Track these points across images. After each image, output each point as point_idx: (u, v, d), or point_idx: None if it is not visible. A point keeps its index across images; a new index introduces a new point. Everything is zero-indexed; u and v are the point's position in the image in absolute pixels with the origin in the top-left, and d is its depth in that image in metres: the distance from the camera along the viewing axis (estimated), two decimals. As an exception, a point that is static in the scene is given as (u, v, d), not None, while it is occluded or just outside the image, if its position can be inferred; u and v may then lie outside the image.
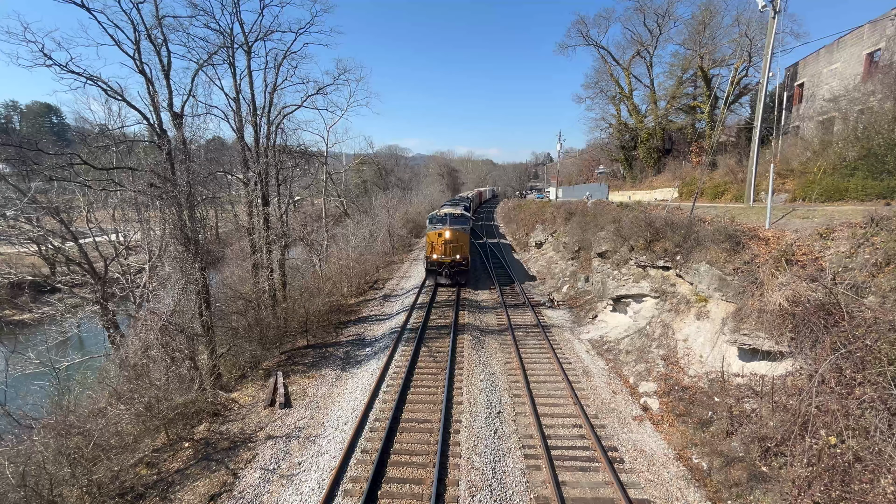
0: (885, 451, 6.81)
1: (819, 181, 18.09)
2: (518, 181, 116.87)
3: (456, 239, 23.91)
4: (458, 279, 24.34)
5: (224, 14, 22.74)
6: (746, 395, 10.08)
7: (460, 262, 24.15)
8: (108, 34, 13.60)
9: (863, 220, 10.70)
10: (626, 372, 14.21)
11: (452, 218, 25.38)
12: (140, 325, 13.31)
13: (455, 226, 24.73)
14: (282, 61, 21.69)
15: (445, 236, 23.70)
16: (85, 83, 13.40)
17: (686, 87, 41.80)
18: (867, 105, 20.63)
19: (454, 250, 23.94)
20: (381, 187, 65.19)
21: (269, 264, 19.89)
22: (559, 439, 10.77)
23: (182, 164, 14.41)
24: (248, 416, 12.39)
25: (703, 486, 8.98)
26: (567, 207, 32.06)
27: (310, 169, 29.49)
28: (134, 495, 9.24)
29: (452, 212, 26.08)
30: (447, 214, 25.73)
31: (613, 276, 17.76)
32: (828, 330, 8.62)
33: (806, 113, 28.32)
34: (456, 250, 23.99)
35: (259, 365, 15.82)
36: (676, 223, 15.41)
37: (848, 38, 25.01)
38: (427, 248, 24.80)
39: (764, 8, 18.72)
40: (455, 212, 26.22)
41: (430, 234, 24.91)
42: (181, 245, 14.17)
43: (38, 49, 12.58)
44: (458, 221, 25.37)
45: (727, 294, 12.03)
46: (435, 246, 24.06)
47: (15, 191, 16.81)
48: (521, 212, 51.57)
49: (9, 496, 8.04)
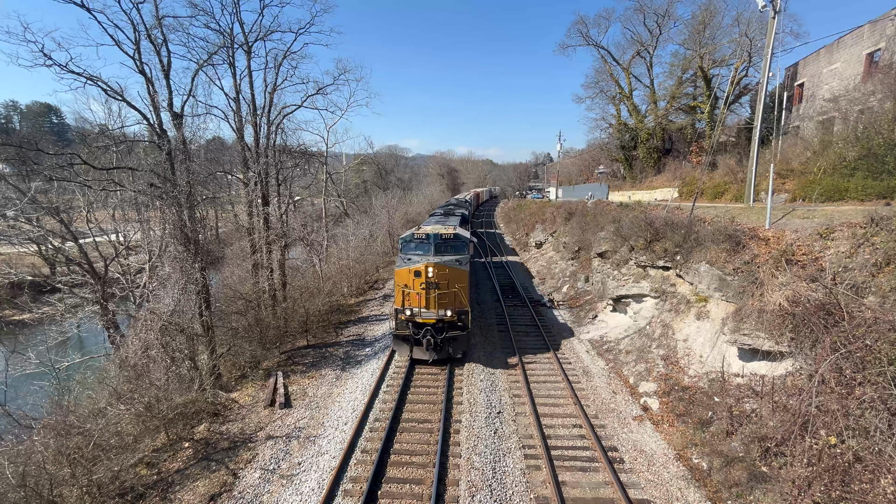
0: (885, 451, 6.81)
1: (819, 181, 18.08)
2: (518, 181, 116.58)
3: (447, 280, 14.09)
4: (450, 350, 14.50)
5: (224, 14, 22.79)
6: (746, 395, 10.09)
7: (453, 320, 14.21)
8: (108, 34, 13.61)
9: (863, 220, 10.71)
10: (626, 372, 14.21)
11: (440, 242, 15.63)
12: (140, 325, 13.32)
13: (445, 256, 15.11)
14: (282, 61, 21.70)
15: (428, 274, 13.91)
16: (85, 83, 13.41)
17: (686, 87, 41.77)
18: (867, 105, 20.61)
19: (443, 302, 14.05)
20: (381, 187, 65.18)
21: (269, 264, 19.89)
22: (559, 439, 10.78)
23: (182, 164, 14.42)
24: (248, 416, 12.39)
25: (703, 486, 8.98)
26: (567, 207, 32.06)
27: (310, 169, 29.50)
28: (134, 495, 9.24)
29: (441, 231, 16.04)
30: (430, 237, 15.72)
31: (613, 276, 17.76)
32: (828, 330, 8.62)
33: (806, 113, 28.31)
34: (446, 301, 14.09)
35: (259, 365, 15.82)
36: (676, 223, 15.41)
37: (848, 39, 24.99)
38: (396, 296, 14.48)
39: (764, 8, 18.71)
40: (445, 231, 16.14)
41: (400, 271, 14.51)
42: (181, 245, 14.17)
43: (38, 49, 12.58)
44: (449, 248, 15.62)
45: (727, 294, 12.03)
46: (408, 294, 14.16)
47: (15, 191, 16.80)
48: (521, 212, 51.59)
49: (9, 496, 8.04)
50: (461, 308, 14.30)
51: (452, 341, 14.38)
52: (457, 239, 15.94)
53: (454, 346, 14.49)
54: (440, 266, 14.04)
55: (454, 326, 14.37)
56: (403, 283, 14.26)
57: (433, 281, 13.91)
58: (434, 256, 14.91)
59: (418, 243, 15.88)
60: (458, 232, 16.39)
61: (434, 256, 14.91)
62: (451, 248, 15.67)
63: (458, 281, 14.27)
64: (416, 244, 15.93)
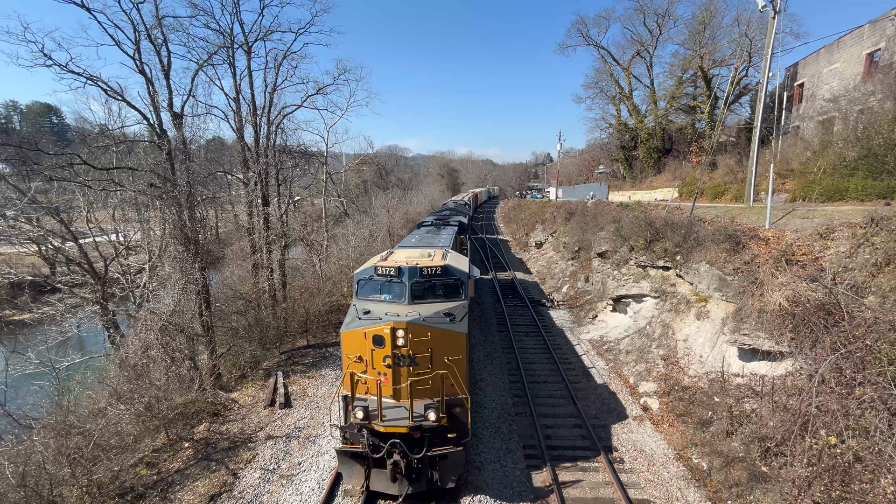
0: (885, 451, 6.82)
1: (819, 181, 18.09)
2: (518, 181, 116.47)
3: (429, 351, 8.36)
4: (436, 478, 8.36)
5: (224, 14, 22.74)
6: (746, 395, 10.09)
7: (440, 426, 8.17)
8: (108, 34, 13.65)
9: (863, 220, 10.71)
10: (626, 372, 14.21)
11: (420, 282, 9.69)
12: (140, 325, 13.32)
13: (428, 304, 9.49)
14: (282, 61, 21.72)
15: (397, 342, 8.21)
16: (85, 83, 13.45)
17: (686, 87, 41.77)
18: (867, 105, 20.61)
19: (422, 390, 8.27)
20: (381, 187, 65.19)
21: (269, 264, 19.89)
22: (559, 439, 10.77)
23: (182, 164, 14.43)
24: (248, 416, 12.40)
25: (703, 486, 8.98)
26: (567, 207, 32.09)
27: (310, 169, 29.50)
28: (134, 495, 9.24)
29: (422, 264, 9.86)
30: (403, 273, 9.67)
31: (613, 276, 17.76)
32: (828, 330, 8.62)
33: (806, 113, 28.31)
34: (428, 390, 8.30)
35: (259, 365, 15.82)
36: (676, 223, 15.41)
37: (848, 39, 24.99)
38: (344, 377, 8.66)
39: (764, 8, 18.72)
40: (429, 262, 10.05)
41: (350, 335, 8.74)
42: (181, 245, 14.18)
43: (38, 49, 12.61)
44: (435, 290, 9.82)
45: (727, 294, 12.03)
46: (363, 377, 8.51)
47: (15, 191, 16.81)
48: (521, 212, 51.64)
49: (9, 496, 8.04)
50: (454, 398, 8.33)
51: (439, 461, 8.19)
52: (447, 274, 9.76)
53: (443, 472, 8.25)
54: (418, 327, 8.17)
55: (442, 437, 8.29)
56: (356, 353, 8.40)
57: (405, 354, 8.12)
58: (410, 306, 9.17)
59: (385, 283, 9.70)
60: (449, 264, 9.95)
61: (410, 306, 9.17)
62: (438, 290, 9.68)
63: (449, 351, 8.41)
64: (381, 284, 9.76)
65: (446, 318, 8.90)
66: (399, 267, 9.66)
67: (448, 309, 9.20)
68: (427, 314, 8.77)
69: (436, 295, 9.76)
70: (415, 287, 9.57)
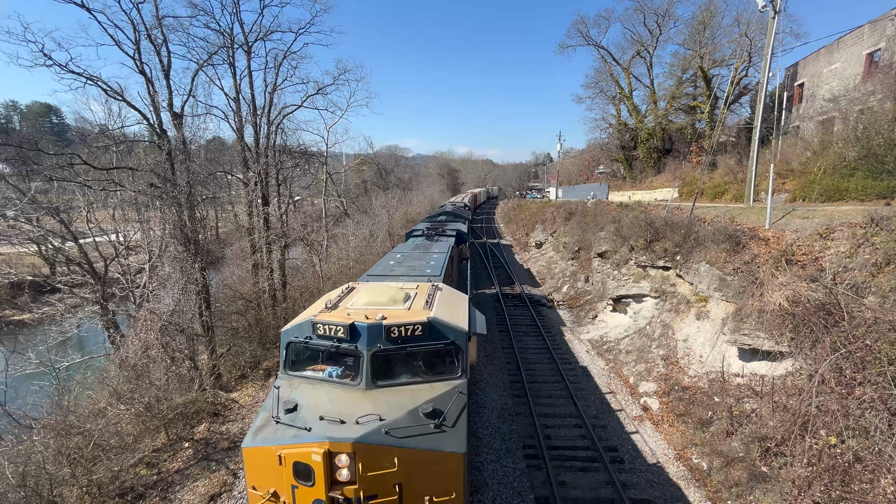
0: (885, 451, 6.82)
1: (819, 181, 18.09)
2: (518, 181, 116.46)
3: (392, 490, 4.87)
4: None
5: (224, 14, 22.80)
6: (746, 395, 10.08)
7: None
8: (108, 34, 13.68)
9: (863, 220, 10.72)
10: (626, 372, 14.21)
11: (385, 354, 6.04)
12: (140, 325, 13.32)
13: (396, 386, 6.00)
14: (282, 61, 21.75)
15: (340, 481, 4.76)
16: (85, 83, 13.49)
17: (686, 87, 41.78)
18: (867, 105, 20.62)
19: None
20: (381, 187, 65.18)
21: (269, 264, 19.90)
22: (559, 439, 10.77)
23: (182, 165, 14.44)
24: (248, 416, 12.39)
25: (703, 486, 8.98)
26: (567, 207, 32.08)
27: (310, 169, 29.53)
28: (134, 495, 9.24)
29: (397, 320, 6.13)
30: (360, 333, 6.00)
31: (613, 276, 17.76)
32: (828, 330, 8.62)
33: (806, 113, 28.31)
34: None
35: (259, 365, 15.82)
36: (676, 223, 15.41)
37: (848, 39, 25.00)
38: None
39: (764, 8, 18.71)
40: (407, 316, 6.33)
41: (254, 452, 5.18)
42: (181, 245, 14.18)
43: (38, 49, 12.63)
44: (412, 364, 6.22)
45: (727, 294, 12.03)
46: None
47: (15, 191, 16.82)
48: (521, 212, 51.63)
49: (9, 496, 8.04)
50: None
51: None
52: (433, 335, 6.30)
53: None
54: (374, 450, 4.88)
55: None
56: (268, 485, 5.21)
57: (353, 497, 4.86)
58: (367, 393, 5.88)
59: (330, 349, 6.28)
60: (435, 318, 6.38)
61: (367, 393, 5.88)
62: (417, 362, 6.33)
63: (434, 485, 5.14)
64: (324, 351, 6.35)
65: (429, 421, 5.34)
66: (352, 324, 6.04)
67: (433, 400, 5.64)
68: (395, 415, 5.31)
69: (413, 371, 6.22)
70: (378, 360, 6.01)
